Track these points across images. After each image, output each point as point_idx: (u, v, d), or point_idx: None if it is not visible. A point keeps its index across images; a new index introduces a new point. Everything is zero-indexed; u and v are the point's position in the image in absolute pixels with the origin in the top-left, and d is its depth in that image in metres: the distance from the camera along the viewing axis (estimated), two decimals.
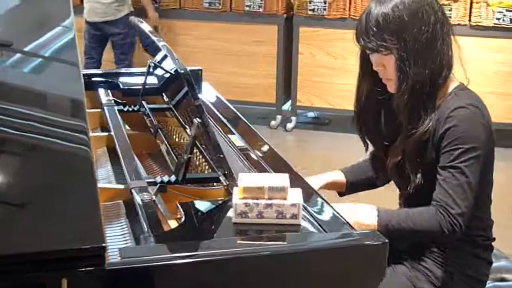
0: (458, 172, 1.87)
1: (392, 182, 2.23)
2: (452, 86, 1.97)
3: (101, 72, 2.82)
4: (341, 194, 2.32)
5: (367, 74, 2.04)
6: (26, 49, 2.23)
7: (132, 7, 5.29)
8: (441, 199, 1.87)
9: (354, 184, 2.28)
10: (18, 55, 2.18)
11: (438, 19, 1.92)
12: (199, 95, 1.83)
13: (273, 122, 5.66)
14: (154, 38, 2.15)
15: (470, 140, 1.87)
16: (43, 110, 1.79)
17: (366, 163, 2.29)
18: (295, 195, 1.57)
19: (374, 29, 1.89)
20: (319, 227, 1.57)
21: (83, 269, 1.25)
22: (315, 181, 2.15)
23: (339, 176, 2.28)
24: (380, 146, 2.13)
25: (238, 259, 1.42)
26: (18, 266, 1.22)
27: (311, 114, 6.01)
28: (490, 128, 1.94)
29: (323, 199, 1.74)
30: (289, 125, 5.63)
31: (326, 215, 1.65)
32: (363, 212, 1.90)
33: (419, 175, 1.97)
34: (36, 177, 1.46)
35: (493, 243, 2.13)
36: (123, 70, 2.98)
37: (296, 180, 1.78)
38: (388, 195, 2.32)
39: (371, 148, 2.23)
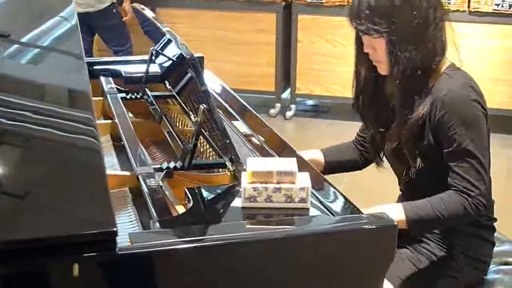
0: (468, 155, 1.88)
1: (382, 172, 2.24)
2: (444, 67, 1.98)
3: (102, 60, 2.81)
4: None
5: (364, 56, 2.04)
6: (27, 39, 2.22)
7: None
8: (459, 185, 1.89)
9: (332, 165, 2.28)
10: (20, 46, 2.17)
11: (430, 4, 1.92)
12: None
13: (272, 111, 5.65)
14: (158, 24, 2.14)
15: (469, 120, 1.89)
16: (50, 102, 1.79)
17: (348, 144, 2.31)
18: (303, 179, 1.58)
19: (366, 11, 1.90)
20: (327, 211, 1.57)
21: (95, 254, 1.25)
22: None
23: (317, 155, 2.28)
24: (377, 130, 2.13)
25: (248, 243, 1.43)
26: (29, 252, 1.21)
27: (310, 102, 6.00)
28: (482, 104, 1.94)
29: (329, 183, 1.74)
30: (289, 113, 5.62)
31: (334, 199, 1.65)
32: (390, 210, 1.82)
33: (418, 159, 1.98)
34: (45, 166, 1.46)
35: (497, 228, 2.14)
36: (124, 58, 2.97)
37: (302, 165, 1.78)
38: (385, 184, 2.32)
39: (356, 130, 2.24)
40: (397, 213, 1.85)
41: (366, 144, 2.24)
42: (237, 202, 1.59)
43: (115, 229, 1.24)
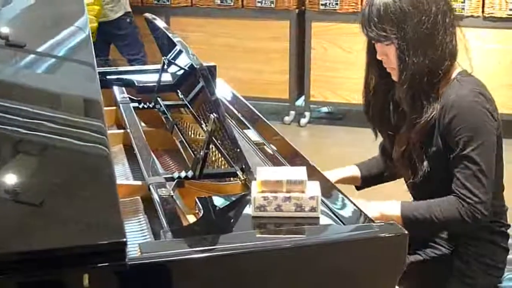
0: (469, 162, 1.89)
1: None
2: (455, 73, 1.99)
3: (115, 69, 2.83)
4: (358, 188, 2.33)
5: (374, 63, 2.07)
6: (41, 49, 2.24)
7: (130, 8, 5.30)
8: (459, 191, 1.90)
9: (369, 178, 2.30)
10: (33, 55, 2.19)
11: (440, 9, 1.92)
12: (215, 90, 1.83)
13: (286, 118, 5.65)
14: (170, 34, 2.15)
15: (476, 127, 1.89)
16: (61, 110, 1.80)
17: (379, 157, 2.31)
18: (313, 188, 1.57)
19: (375, 19, 1.92)
20: (337, 219, 1.57)
21: (104, 264, 1.25)
22: (330, 177, 2.16)
23: (353, 171, 2.30)
24: (387, 136, 2.14)
25: (258, 252, 1.42)
26: (40, 262, 1.22)
27: (324, 109, 6.00)
28: (494, 113, 1.95)
29: (340, 191, 1.74)
30: (303, 121, 5.62)
31: (344, 208, 1.65)
32: (387, 205, 1.96)
33: (425, 163, 1.99)
34: (56, 175, 1.47)
35: (510, 232, 2.13)
36: (137, 67, 2.99)
37: (313, 173, 1.78)
38: (396, 190, 2.32)
39: (380, 140, 2.24)
40: (394, 210, 1.94)
41: None
42: (247, 211, 1.58)
43: (124, 239, 1.24)
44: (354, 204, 1.65)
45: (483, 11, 4.94)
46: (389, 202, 1.98)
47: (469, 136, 1.88)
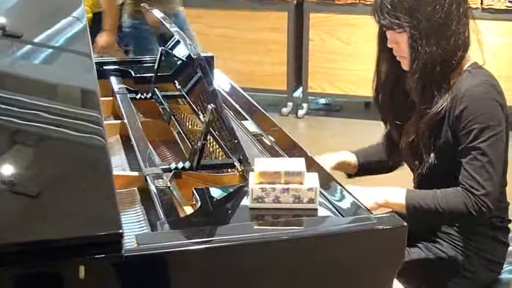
0: (479, 153, 1.88)
1: (403, 168, 2.23)
2: (466, 65, 1.98)
3: (112, 60, 2.81)
4: (350, 176, 2.31)
5: (385, 52, 2.05)
6: (37, 40, 2.23)
7: None
8: (466, 182, 1.89)
9: (365, 166, 2.28)
10: (29, 46, 2.18)
11: None
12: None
13: (284, 109, 5.64)
14: (167, 25, 2.14)
15: (487, 118, 1.88)
16: (57, 101, 1.79)
17: (379, 146, 2.29)
18: (312, 180, 1.56)
19: (388, 6, 1.91)
20: (336, 211, 1.56)
21: (100, 256, 1.24)
22: (326, 161, 2.15)
23: (350, 157, 2.27)
24: (395, 126, 2.12)
25: (255, 244, 1.41)
26: (35, 254, 1.21)
27: (322, 101, 5.99)
28: (504, 106, 1.94)
29: (338, 183, 1.73)
30: (301, 112, 5.61)
31: (343, 199, 1.64)
32: (393, 192, 1.95)
33: (432, 155, 1.98)
34: (51, 166, 1.45)
35: (510, 226, 2.12)
36: (134, 58, 2.98)
37: (311, 165, 1.77)
38: (399, 180, 2.31)
39: (385, 130, 2.23)
40: (399, 197, 1.93)
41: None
42: (245, 203, 1.57)
43: (121, 231, 1.23)
44: (353, 196, 1.64)
45: (481, 3, 4.92)
46: (393, 188, 1.97)
47: (479, 127, 1.87)
